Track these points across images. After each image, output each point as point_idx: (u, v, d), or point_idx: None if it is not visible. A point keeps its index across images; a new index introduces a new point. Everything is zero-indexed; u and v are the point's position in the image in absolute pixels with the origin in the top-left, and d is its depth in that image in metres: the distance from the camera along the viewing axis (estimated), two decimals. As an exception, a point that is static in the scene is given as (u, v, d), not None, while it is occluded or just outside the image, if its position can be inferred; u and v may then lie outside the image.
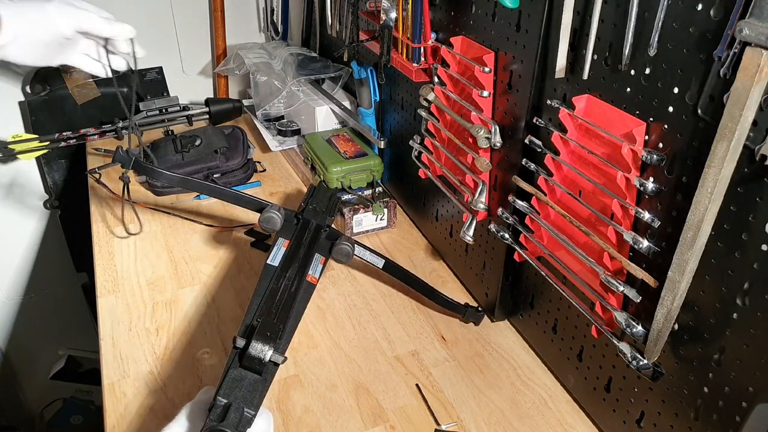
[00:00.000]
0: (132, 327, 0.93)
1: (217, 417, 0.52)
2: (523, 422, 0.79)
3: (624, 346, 0.66)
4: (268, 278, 0.72)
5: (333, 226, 0.92)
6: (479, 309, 0.95)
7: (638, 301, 0.65)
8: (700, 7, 0.52)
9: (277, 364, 0.60)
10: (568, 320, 0.80)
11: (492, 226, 0.86)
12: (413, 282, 0.95)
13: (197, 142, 1.31)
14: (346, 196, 1.15)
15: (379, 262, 0.91)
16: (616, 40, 0.62)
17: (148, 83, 1.60)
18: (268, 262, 0.75)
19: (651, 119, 0.60)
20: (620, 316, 0.65)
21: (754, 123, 0.48)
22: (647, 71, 0.59)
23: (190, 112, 1.51)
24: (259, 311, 0.66)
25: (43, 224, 1.66)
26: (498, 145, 0.83)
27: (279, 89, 1.40)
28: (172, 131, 1.45)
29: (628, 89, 0.62)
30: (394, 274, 0.94)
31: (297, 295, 0.71)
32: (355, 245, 0.86)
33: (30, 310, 1.75)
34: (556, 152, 0.72)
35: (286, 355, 0.62)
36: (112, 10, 0.94)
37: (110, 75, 0.89)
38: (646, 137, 0.61)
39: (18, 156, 1.29)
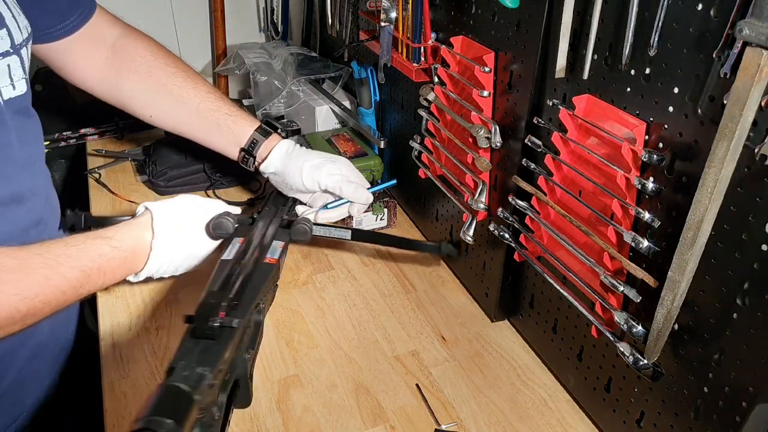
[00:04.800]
0: (132, 327, 0.93)
1: (169, 378, 0.52)
2: (523, 422, 0.79)
3: (624, 346, 0.66)
4: (223, 271, 0.71)
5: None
6: (451, 241, 0.95)
7: (638, 301, 0.64)
8: (700, 7, 0.52)
9: (232, 328, 0.59)
10: (568, 320, 0.80)
11: (492, 226, 0.86)
12: (382, 239, 0.96)
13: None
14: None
15: (347, 234, 0.92)
16: (616, 40, 0.62)
17: (148, 83, 1.59)
18: (223, 258, 0.74)
19: (651, 119, 0.60)
20: (620, 316, 0.65)
21: (754, 123, 0.48)
22: (647, 71, 0.59)
23: (190, 112, 1.50)
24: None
25: (43, 224, 1.66)
26: (498, 145, 0.83)
27: (279, 89, 1.40)
28: (173, 131, 1.45)
29: (628, 89, 0.62)
30: (364, 239, 0.95)
31: (253, 273, 0.70)
32: (314, 225, 0.87)
33: (30, 310, 1.75)
34: (556, 152, 0.72)
35: (243, 319, 0.61)
36: (112, 10, 0.94)
37: None
38: (646, 137, 0.61)
39: (18, 156, 1.29)
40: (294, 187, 0.96)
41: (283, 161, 0.97)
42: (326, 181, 0.94)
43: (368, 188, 0.99)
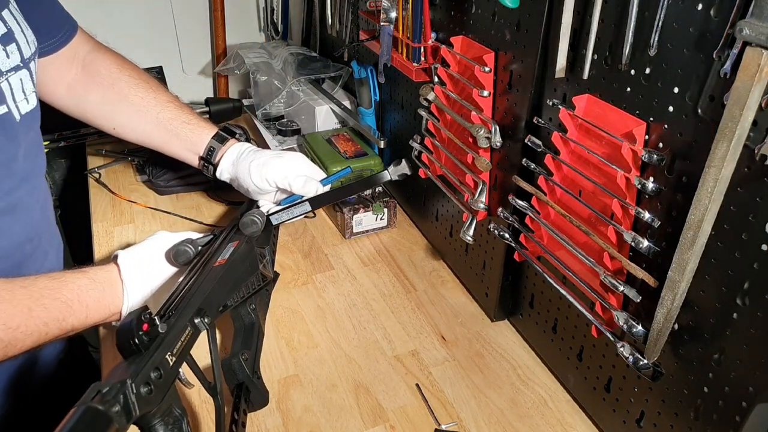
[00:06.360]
0: (132, 327, 0.93)
1: (89, 399, 0.51)
2: (523, 422, 0.79)
3: (624, 346, 0.66)
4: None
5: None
6: (399, 161, 0.97)
7: (638, 301, 0.65)
8: (700, 7, 0.52)
9: (160, 334, 0.58)
10: (568, 320, 0.80)
11: (492, 226, 0.86)
12: (341, 192, 0.98)
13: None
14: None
15: (306, 207, 0.92)
16: (616, 40, 0.62)
17: (148, 83, 1.59)
18: (179, 280, 0.74)
19: (651, 119, 0.60)
20: (620, 316, 0.65)
21: (754, 123, 0.48)
22: (647, 71, 0.59)
23: (190, 112, 1.50)
24: None
25: (43, 224, 1.66)
26: (498, 144, 0.83)
27: (279, 89, 1.40)
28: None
29: (628, 89, 0.62)
30: (324, 202, 0.95)
31: (201, 280, 0.68)
32: (276, 213, 0.87)
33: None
34: (556, 152, 0.72)
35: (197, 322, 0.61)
36: (112, 10, 0.94)
37: None
38: (646, 137, 0.61)
39: (18, 156, 1.29)
40: (249, 189, 0.95)
41: (234, 165, 0.95)
42: (274, 178, 0.92)
43: (322, 179, 0.96)
